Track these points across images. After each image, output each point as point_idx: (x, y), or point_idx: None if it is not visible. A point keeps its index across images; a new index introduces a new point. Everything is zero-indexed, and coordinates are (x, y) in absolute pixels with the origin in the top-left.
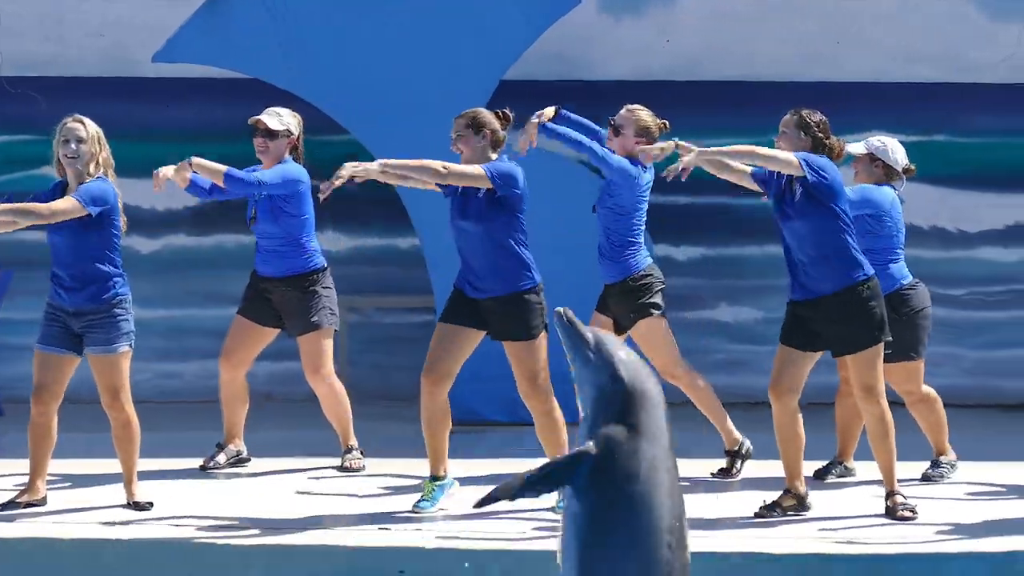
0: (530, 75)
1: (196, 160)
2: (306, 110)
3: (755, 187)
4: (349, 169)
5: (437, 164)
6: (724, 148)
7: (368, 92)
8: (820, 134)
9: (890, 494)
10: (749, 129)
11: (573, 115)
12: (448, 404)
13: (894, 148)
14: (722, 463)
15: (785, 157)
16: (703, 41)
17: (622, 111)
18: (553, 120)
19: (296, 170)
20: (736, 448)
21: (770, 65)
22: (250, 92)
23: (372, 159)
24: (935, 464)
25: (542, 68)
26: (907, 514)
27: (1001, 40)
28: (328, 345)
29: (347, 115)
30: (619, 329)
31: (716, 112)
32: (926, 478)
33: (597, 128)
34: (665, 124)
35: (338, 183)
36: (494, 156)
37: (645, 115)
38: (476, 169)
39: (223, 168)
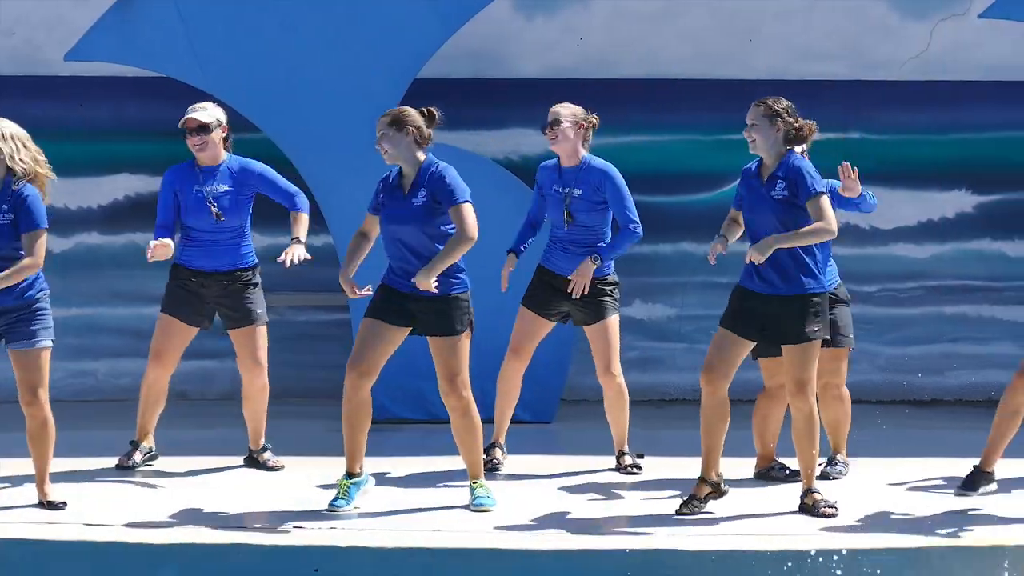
0: (444, 73)
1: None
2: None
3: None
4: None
5: (442, 267)
6: (792, 234)
7: (280, 90)
8: (790, 119)
9: (808, 491)
10: (658, 127)
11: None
12: (370, 400)
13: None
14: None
15: (830, 226)
16: (614, 39)
17: (552, 108)
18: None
19: (260, 165)
20: (620, 452)
21: (679, 63)
22: (163, 90)
23: (284, 157)
24: (832, 462)
25: (456, 66)
26: (829, 511)
27: (912, 38)
28: (265, 337)
29: (260, 113)
30: (576, 321)
31: (626, 110)
32: (824, 476)
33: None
34: (596, 116)
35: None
36: (421, 155)
37: (577, 109)
38: (462, 243)
39: (302, 216)
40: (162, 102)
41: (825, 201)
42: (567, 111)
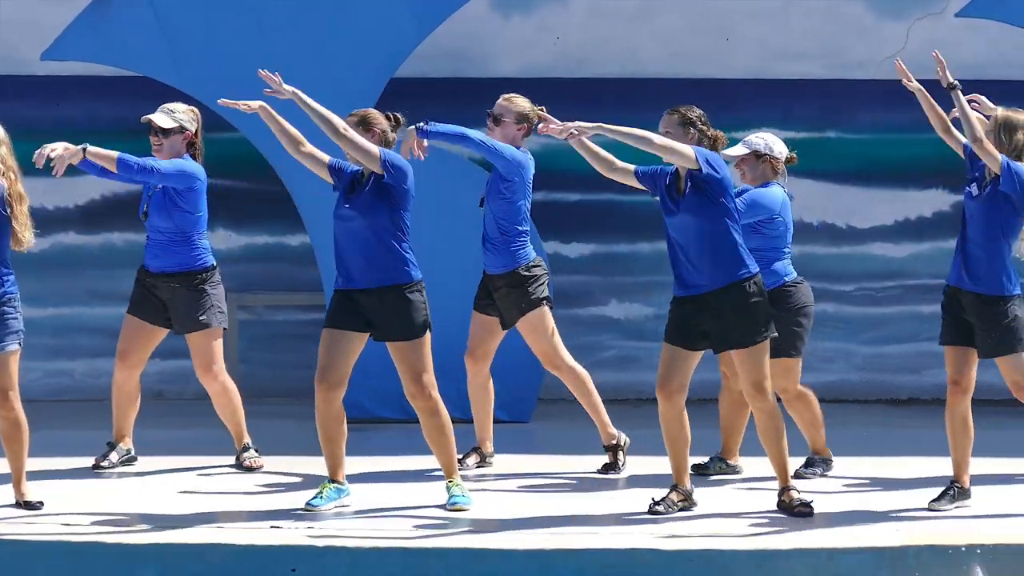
0: (421, 72)
1: (91, 149)
2: (196, 107)
3: (639, 186)
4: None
5: (340, 123)
6: (619, 128)
7: (257, 89)
8: (703, 127)
9: (784, 489)
10: (635, 126)
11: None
12: (343, 410)
13: (773, 141)
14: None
15: (682, 149)
16: (590, 38)
17: (499, 101)
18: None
19: (192, 166)
20: (614, 443)
21: (656, 62)
22: (139, 89)
23: (261, 157)
24: (810, 462)
25: (432, 65)
26: (803, 509)
27: (888, 37)
28: (218, 344)
29: (235, 113)
30: (504, 324)
31: (603, 109)
32: (798, 476)
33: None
34: (542, 110)
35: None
36: None
37: (522, 101)
38: (372, 147)
39: (115, 154)
40: (138, 101)
41: (690, 147)
42: (512, 108)
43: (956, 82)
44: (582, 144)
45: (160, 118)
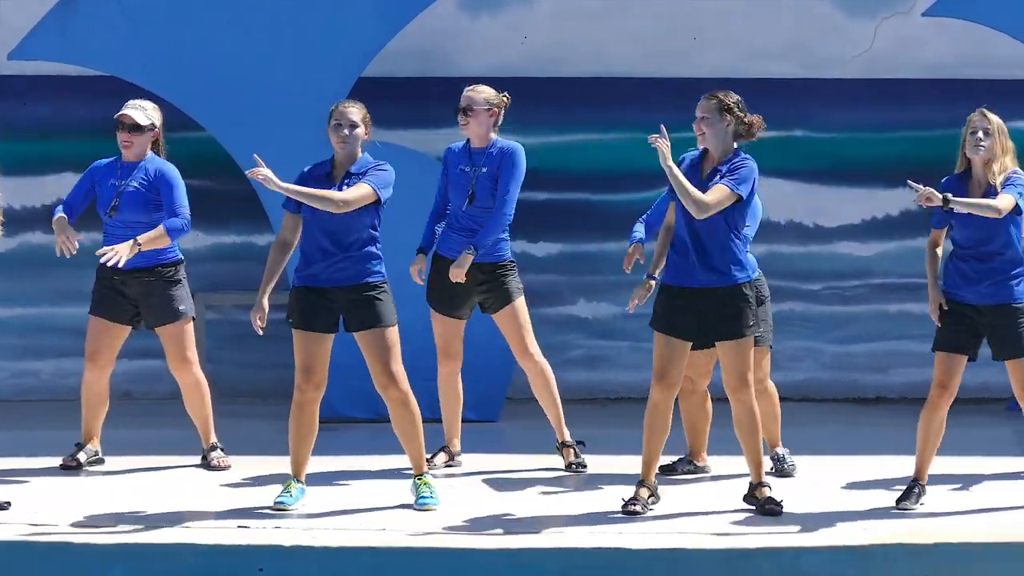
0: (389, 72)
1: (141, 240)
2: (161, 107)
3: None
4: (266, 172)
5: (336, 196)
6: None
7: (224, 89)
8: (740, 113)
9: (758, 486)
10: (603, 125)
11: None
12: (317, 414)
13: None
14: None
15: (718, 198)
16: (558, 38)
17: (465, 93)
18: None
19: (177, 175)
20: (567, 442)
21: (623, 62)
22: (106, 89)
23: (228, 157)
24: (776, 459)
25: (401, 65)
26: (773, 508)
27: (856, 36)
28: (191, 334)
29: (203, 112)
30: (485, 308)
31: (571, 108)
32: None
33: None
34: (507, 95)
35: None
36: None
37: (486, 88)
38: (366, 191)
39: (162, 231)
40: (105, 101)
41: (722, 191)
42: (480, 96)
43: (948, 196)
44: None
45: (137, 115)
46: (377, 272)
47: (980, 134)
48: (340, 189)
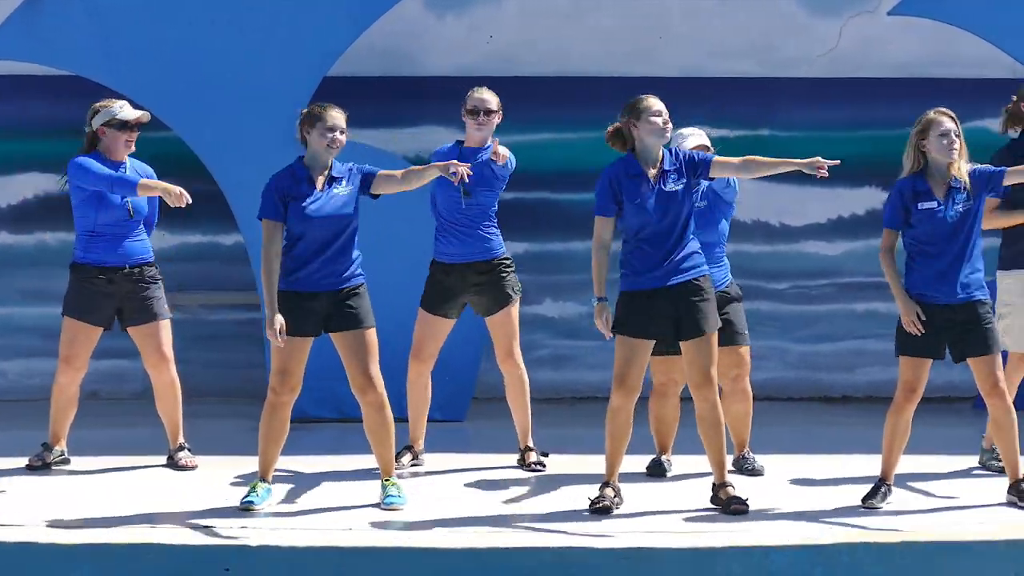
0: (354, 71)
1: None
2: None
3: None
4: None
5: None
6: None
7: (190, 88)
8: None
9: (722, 485)
10: (569, 124)
11: None
12: (289, 417)
13: (688, 134)
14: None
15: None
16: (523, 37)
17: (484, 96)
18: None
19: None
20: (530, 447)
21: (589, 61)
22: (71, 89)
23: (194, 156)
24: (743, 458)
25: (366, 64)
26: (739, 507)
27: (821, 35)
28: (169, 332)
29: (170, 112)
30: (483, 310)
31: (536, 108)
32: (742, 471)
33: None
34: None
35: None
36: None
37: (493, 93)
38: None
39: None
40: (70, 100)
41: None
42: (495, 99)
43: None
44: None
45: (143, 115)
46: (360, 273)
47: (952, 136)
48: (329, 194)
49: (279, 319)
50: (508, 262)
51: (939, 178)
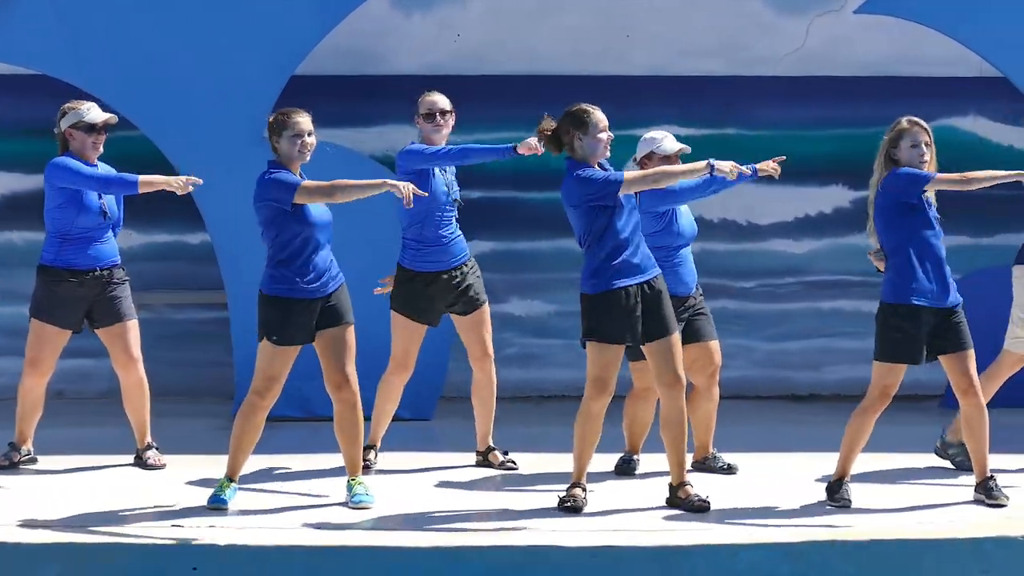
0: (321, 70)
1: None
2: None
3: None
4: None
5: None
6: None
7: (158, 88)
8: None
9: (680, 486)
10: (535, 123)
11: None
12: (264, 421)
13: (661, 137)
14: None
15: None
16: (491, 36)
17: (436, 98)
18: None
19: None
20: (489, 447)
21: (556, 59)
22: (38, 88)
23: (161, 155)
24: (713, 458)
25: (333, 63)
26: (703, 504)
27: (788, 34)
28: (137, 332)
29: (137, 111)
30: (460, 311)
31: (504, 106)
32: (714, 470)
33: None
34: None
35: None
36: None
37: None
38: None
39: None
40: (37, 100)
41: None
42: (447, 100)
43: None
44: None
45: (110, 116)
46: (340, 272)
47: (923, 148)
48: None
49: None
50: (474, 262)
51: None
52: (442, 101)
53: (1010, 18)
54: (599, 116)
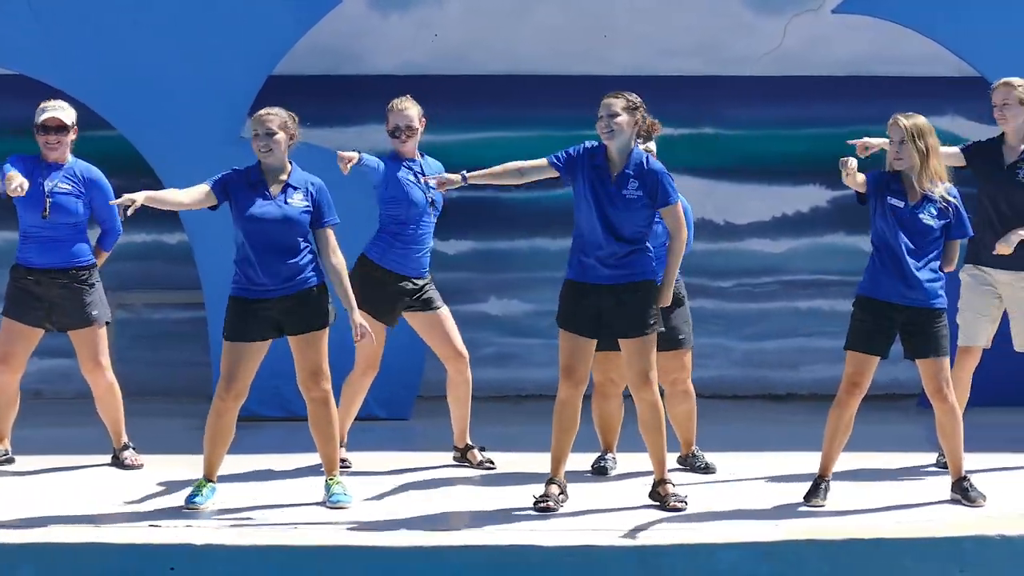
0: (299, 70)
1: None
2: (73, 106)
3: (553, 175)
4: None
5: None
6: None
7: (134, 87)
8: (646, 114)
9: (661, 482)
10: (514, 123)
11: None
12: (235, 421)
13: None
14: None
15: (684, 238)
16: (469, 36)
17: (402, 112)
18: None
19: (106, 181)
20: (468, 446)
21: (534, 60)
22: (13, 87)
23: (138, 155)
24: (692, 456)
25: (311, 63)
26: (678, 504)
27: (765, 34)
28: (104, 338)
29: (113, 111)
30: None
31: (481, 106)
32: (694, 468)
33: None
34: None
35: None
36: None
37: (414, 105)
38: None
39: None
40: (11, 99)
41: (681, 209)
42: (415, 110)
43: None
44: (477, 180)
45: (62, 115)
46: (312, 275)
47: (896, 145)
48: (284, 201)
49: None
50: (430, 277)
51: (911, 181)
52: (402, 117)
53: (987, 17)
54: (607, 99)
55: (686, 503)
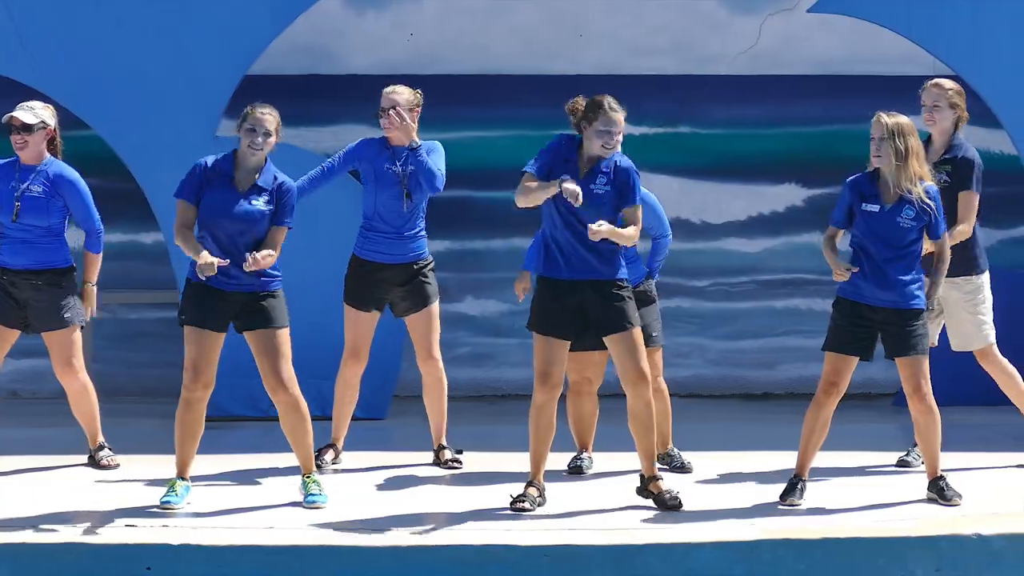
0: (275, 69)
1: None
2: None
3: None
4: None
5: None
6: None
7: (111, 87)
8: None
9: (652, 479)
10: (488, 122)
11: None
12: (204, 413)
13: None
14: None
15: (634, 234)
16: (444, 35)
17: (388, 96)
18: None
19: (81, 182)
20: (440, 446)
21: (509, 59)
22: None
23: (114, 155)
24: (669, 455)
25: (287, 62)
26: (674, 501)
27: (741, 32)
28: (78, 341)
29: (90, 110)
30: (409, 310)
31: (457, 105)
32: (671, 468)
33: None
34: (419, 92)
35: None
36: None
37: (406, 90)
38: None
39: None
40: None
41: (640, 213)
42: (402, 98)
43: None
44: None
45: (24, 115)
46: (276, 277)
47: (876, 143)
48: (248, 201)
49: (205, 253)
50: (431, 263)
51: (887, 183)
52: (387, 100)
53: (962, 17)
54: (611, 116)
55: (679, 502)
